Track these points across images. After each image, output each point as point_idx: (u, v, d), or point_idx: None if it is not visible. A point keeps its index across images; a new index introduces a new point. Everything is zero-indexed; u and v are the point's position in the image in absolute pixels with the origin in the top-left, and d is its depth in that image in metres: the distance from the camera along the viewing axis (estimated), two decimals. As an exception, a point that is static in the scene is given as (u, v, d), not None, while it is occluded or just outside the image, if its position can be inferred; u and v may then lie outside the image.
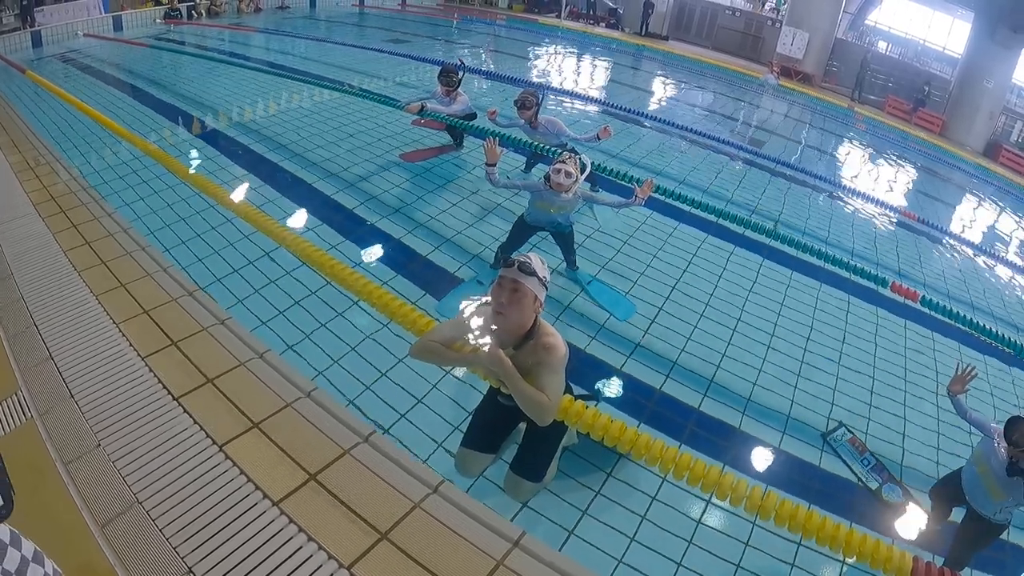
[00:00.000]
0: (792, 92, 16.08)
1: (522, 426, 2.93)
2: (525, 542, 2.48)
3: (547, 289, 2.54)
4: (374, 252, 5.06)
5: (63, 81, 9.32)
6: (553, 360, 2.45)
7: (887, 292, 5.13)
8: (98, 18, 14.28)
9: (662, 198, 5.80)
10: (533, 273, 2.45)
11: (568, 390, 2.75)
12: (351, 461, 2.74)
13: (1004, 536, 3.09)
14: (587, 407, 2.69)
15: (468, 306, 2.68)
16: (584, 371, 4.01)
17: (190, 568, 2.20)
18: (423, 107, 6.37)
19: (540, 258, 2.56)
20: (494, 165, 4.44)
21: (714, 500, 3.24)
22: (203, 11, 16.50)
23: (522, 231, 4.78)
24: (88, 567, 2.19)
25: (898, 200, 9.61)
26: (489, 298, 2.51)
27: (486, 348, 2.46)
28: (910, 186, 11.14)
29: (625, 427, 2.69)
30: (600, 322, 4.55)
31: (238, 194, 5.61)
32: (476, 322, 2.61)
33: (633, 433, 2.66)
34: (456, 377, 3.79)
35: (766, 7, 19.54)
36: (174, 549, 2.26)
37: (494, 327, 2.51)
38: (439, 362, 2.82)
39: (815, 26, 17.41)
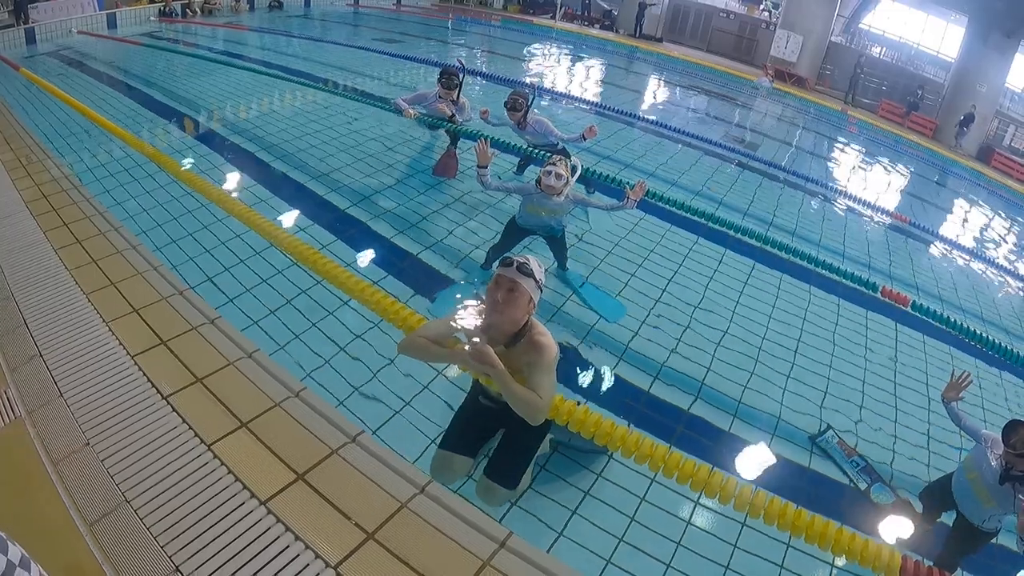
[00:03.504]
0: (786, 95, 16.14)
1: (501, 431, 2.91)
2: (512, 542, 2.49)
3: (542, 292, 2.56)
4: (364, 252, 5.05)
5: (56, 79, 9.28)
6: (544, 360, 2.46)
7: (878, 296, 5.15)
8: (92, 15, 14.20)
9: (654, 201, 5.82)
10: (531, 275, 2.47)
11: None
12: (339, 461, 2.75)
13: (994, 540, 3.10)
14: (578, 405, 2.71)
15: (460, 304, 2.69)
16: (573, 372, 4.03)
17: (177, 567, 2.20)
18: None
19: (538, 261, 2.59)
20: (486, 167, 4.44)
21: (703, 501, 3.26)
22: (198, 9, 16.46)
23: (513, 233, 4.79)
24: (76, 566, 2.19)
25: (890, 203, 9.65)
26: (482, 296, 2.52)
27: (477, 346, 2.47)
28: (902, 190, 11.19)
29: (615, 425, 2.71)
30: (590, 324, 4.57)
31: (230, 193, 5.60)
32: (467, 320, 2.62)
33: (624, 431, 2.68)
34: (445, 378, 3.80)
35: (761, 7, 19.62)
36: (162, 548, 2.26)
37: (486, 325, 2.51)
38: (426, 358, 2.82)
39: (809, 29, 17.51)
